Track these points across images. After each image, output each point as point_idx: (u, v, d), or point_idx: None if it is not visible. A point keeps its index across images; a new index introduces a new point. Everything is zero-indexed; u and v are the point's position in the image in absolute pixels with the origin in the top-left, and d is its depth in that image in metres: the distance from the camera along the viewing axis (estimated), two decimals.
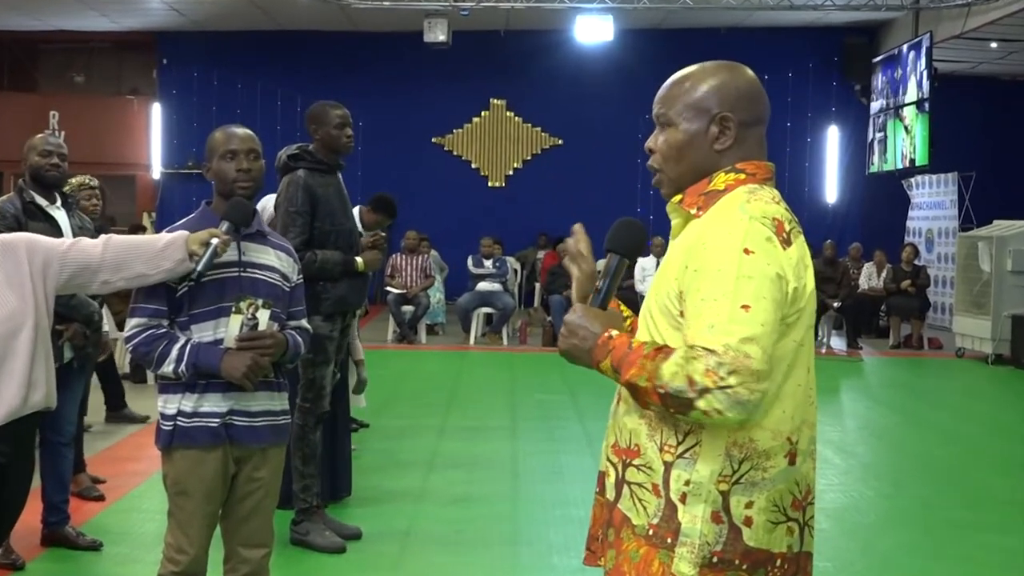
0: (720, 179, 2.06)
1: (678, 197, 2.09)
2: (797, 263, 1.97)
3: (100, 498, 6.01)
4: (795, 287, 1.95)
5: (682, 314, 1.97)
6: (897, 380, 12.14)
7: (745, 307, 1.87)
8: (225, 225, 3.26)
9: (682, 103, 2.08)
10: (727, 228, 1.95)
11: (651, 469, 2.02)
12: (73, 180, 6.55)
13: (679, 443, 1.99)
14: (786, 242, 1.96)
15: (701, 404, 1.84)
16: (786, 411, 1.99)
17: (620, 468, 2.08)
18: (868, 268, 14.97)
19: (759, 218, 1.95)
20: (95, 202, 6.57)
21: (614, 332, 1.99)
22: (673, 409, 1.89)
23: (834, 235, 16.53)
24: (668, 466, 1.99)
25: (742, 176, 2.06)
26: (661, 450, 2.01)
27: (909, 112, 16.19)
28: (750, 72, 2.13)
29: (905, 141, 16.41)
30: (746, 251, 1.91)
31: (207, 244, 3.19)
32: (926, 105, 15.55)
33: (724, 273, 1.89)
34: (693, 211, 2.05)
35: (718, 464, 1.96)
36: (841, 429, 8.76)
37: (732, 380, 1.83)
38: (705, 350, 1.85)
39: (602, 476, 2.14)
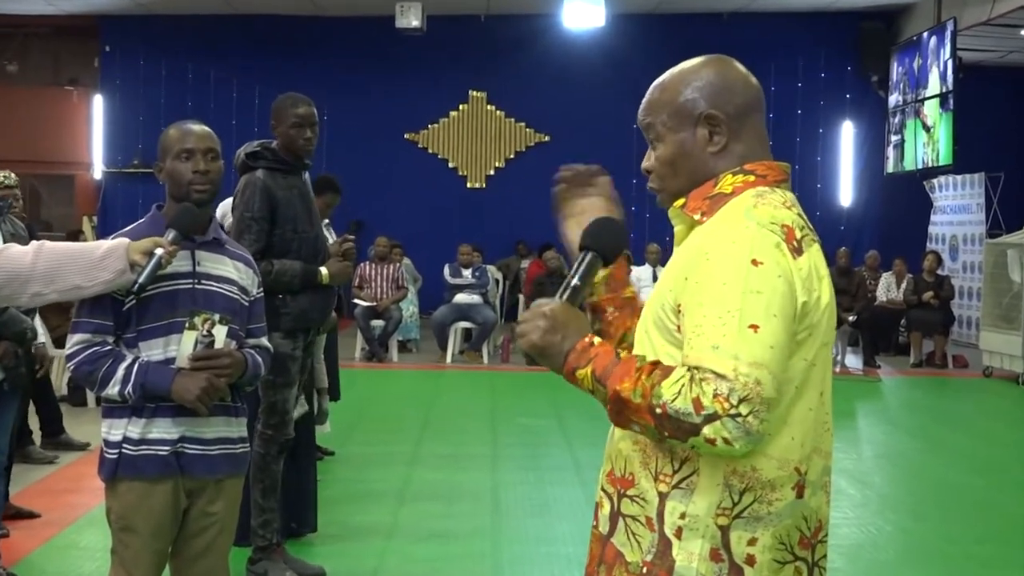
0: (727, 181, 2.07)
1: (680, 202, 2.11)
2: (808, 274, 1.98)
3: (33, 515, 6.17)
4: (804, 301, 1.97)
5: (679, 329, 1.98)
6: (918, 402, 12.20)
7: (754, 327, 1.88)
8: (172, 234, 3.25)
9: (665, 112, 2.12)
10: (731, 236, 1.96)
11: (645, 500, 2.03)
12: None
13: (675, 472, 2.00)
14: (796, 250, 1.98)
15: (707, 431, 1.85)
16: (795, 438, 2.00)
17: (615, 499, 2.09)
18: (886, 278, 15.04)
19: (766, 224, 1.97)
20: (13, 203, 6.54)
21: (595, 339, 2.01)
22: (668, 433, 1.90)
23: (849, 242, 16.62)
24: (663, 497, 2.00)
25: (751, 178, 2.07)
26: (656, 479, 2.02)
27: (931, 109, 16.24)
28: (732, 61, 2.16)
29: (927, 146, 16.46)
30: (754, 262, 1.92)
31: (150, 254, 3.18)
32: (950, 101, 15.62)
33: (730, 287, 1.91)
34: (697, 216, 2.07)
35: (716, 495, 1.97)
36: (857, 456, 8.80)
37: (743, 409, 1.85)
38: (714, 373, 1.86)
39: (597, 507, 2.15)
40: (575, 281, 2.10)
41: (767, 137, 2.16)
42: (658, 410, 1.88)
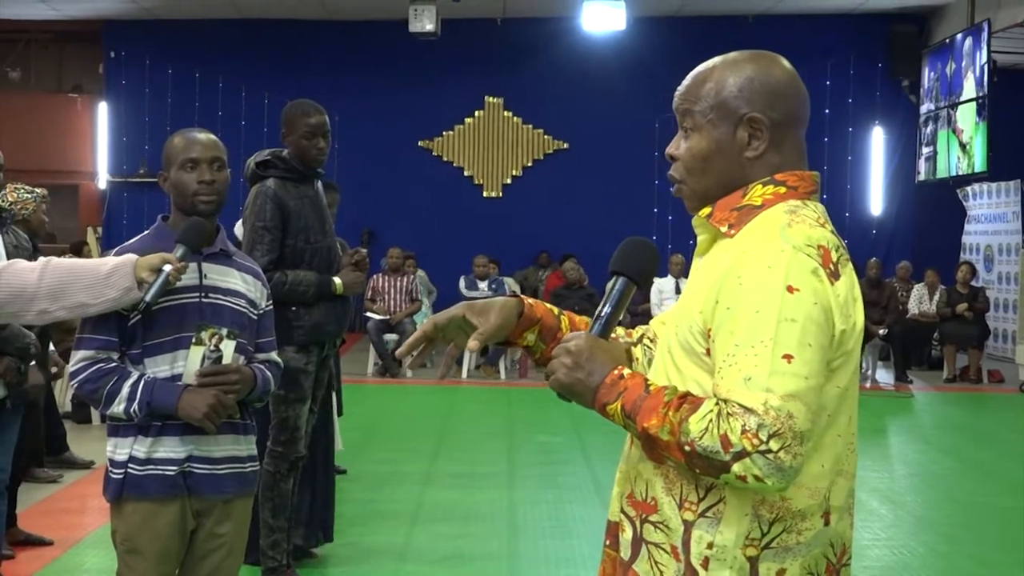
0: (756, 192, 2.04)
1: (706, 211, 2.07)
2: (846, 300, 1.96)
3: (47, 543, 6.11)
4: (843, 329, 1.95)
5: (708, 352, 1.97)
6: (952, 419, 12.15)
7: (787, 357, 1.87)
8: (181, 250, 3.27)
9: (708, 103, 2.06)
10: (766, 260, 1.93)
11: (669, 528, 2.02)
12: (19, 189, 6.58)
13: (700, 499, 1.99)
14: (834, 275, 1.95)
15: (736, 468, 1.85)
16: (824, 465, 1.99)
17: (638, 524, 2.07)
18: (918, 290, 15.00)
19: (802, 247, 1.94)
20: (41, 215, 6.57)
21: (626, 370, 1.99)
22: (700, 470, 1.90)
23: (879, 252, 16.57)
24: (688, 525, 1.99)
25: (782, 190, 2.04)
26: (680, 507, 2.01)
27: (965, 118, 16.16)
28: (785, 63, 2.11)
29: (961, 160, 16.39)
30: (789, 288, 1.90)
31: (158, 271, 3.20)
32: (986, 106, 15.57)
33: (763, 315, 1.89)
34: (723, 228, 2.03)
35: (745, 526, 1.96)
36: (889, 476, 8.77)
37: (773, 444, 1.84)
38: (742, 407, 1.85)
39: (614, 528, 2.13)
40: (606, 310, 2.07)
41: (805, 151, 2.12)
42: (687, 447, 1.88)
